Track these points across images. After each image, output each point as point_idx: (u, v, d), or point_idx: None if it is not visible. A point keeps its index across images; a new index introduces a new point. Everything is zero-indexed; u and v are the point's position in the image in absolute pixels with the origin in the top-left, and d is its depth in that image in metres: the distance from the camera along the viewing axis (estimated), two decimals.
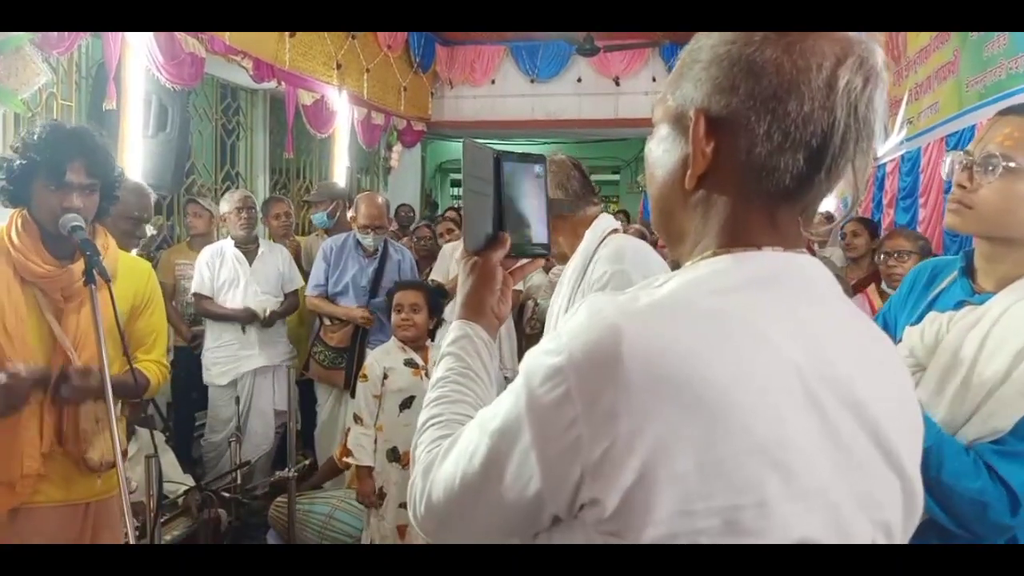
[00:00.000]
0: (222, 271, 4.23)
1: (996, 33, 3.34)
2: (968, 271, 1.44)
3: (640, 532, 0.66)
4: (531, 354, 0.74)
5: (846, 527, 0.71)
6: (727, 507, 0.66)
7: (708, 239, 0.78)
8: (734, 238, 0.76)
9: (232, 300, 4.23)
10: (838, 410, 0.71)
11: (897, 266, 3.31)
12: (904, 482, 0.76)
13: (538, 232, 1.05)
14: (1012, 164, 1.30)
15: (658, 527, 0.66)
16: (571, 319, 0.72)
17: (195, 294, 4.23)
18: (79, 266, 1.99)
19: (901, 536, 0.78)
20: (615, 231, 2.08)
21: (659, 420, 0.66)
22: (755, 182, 0.74)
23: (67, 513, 2.06)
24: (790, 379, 0.69)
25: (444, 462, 0.82)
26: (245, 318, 4.19)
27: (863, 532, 0.73)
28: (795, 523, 0.68)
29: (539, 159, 1.06)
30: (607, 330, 0.68)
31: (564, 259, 2.13)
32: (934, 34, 4.28)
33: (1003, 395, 1.26)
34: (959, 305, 1.41)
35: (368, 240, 4.25)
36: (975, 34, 3.59)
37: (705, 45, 0.76)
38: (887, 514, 0.75)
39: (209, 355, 4.28)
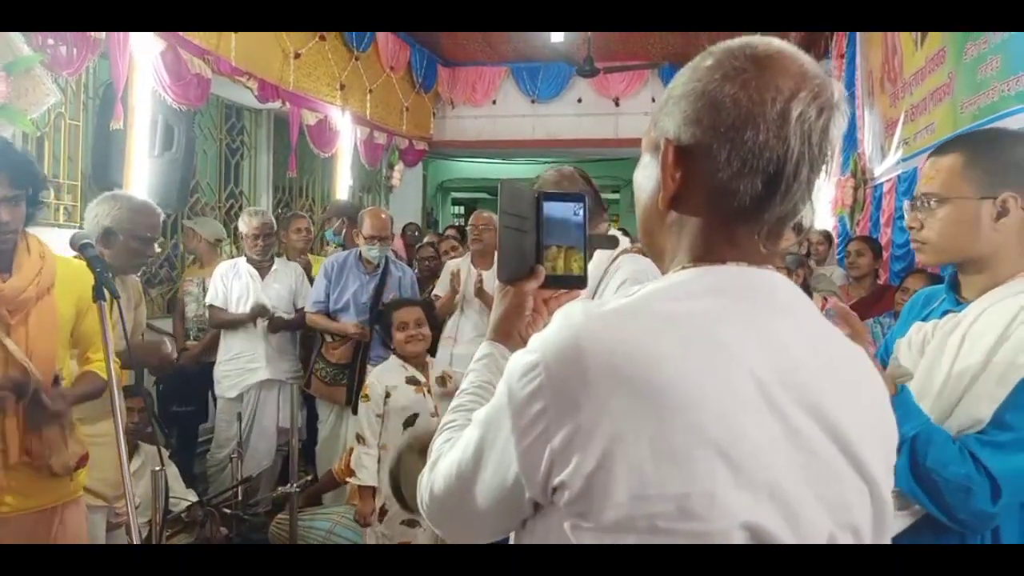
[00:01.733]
0: (235, 285, 4.34)
1: (989, 56, 3.39)
2: (953, 286, 1.56)
3: (601, 514, 0.73)
4: (514, 355, 0.82)
5: (801, 522, 0.76)
6: (679, 494, 0.72)
7: (681, 255, 0.86)
8: (702, 254, 0.84)
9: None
10: (799, 415, 0.77)
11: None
12: (872, 489, 0.81)
13: (576, 265, 1.14)
14: (938, 198, 1.47)
15: (617, 509, 0.73)
16: (549, 325, 0.80)
17: (209, 306, 4.35)
18: (22, 279, 2.01)
19: (871, 541, 0.82)
20: (625, 251, 1.97)
21: (615, 413, 0.73)
22: (718, 204, 0.82)
23: (35, 519, 2.08)
24: (743, 380, 0.75)
25: (447, 457, 0.91)
26: (256, 313, 4.26)
27: (821, 529, 0.78)
28: (741, 510, 0.73)
29: (579, 198, 1.15)
30: (573, 331, 0.77)
31: None
32: (929, 56, 4.34)
33: (980, 387, 1.36)
34: (944, 315, 1.52)
35: (374, 252, 4.29)
36: (969, 57, 3.64)
37: (679, 82, 0.85)
38: (856, 518, 0.80)
39: (220, 368, 4.36)
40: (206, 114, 5.83)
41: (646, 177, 0.90)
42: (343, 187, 7.21)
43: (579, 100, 9.30)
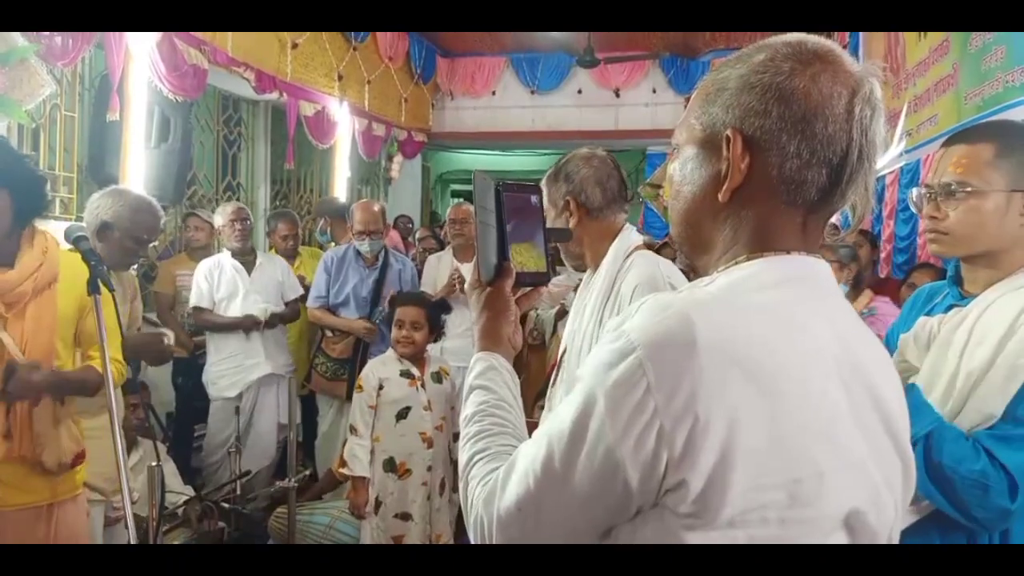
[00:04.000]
0: (221, 283, 4.22)
1: (994, 47, 3.36)
2: (957, 280, 1.55)
3: (720, 510, 0.73)
4: (594, 360, 0.78)
5: (881, 501, 0.81)
6: (790, 480, 0.74)
7: (739, 246, 0.86)
8: (765, 244, 0.85)
9: (232, 312, 4.21)
10: (861, 395, 0.81)
11: None
12: (905, 466, 0.86)
13: (538, 260, 1.07)
14: (969, 188, 1.42)
15: (734, 505, 0.73)
16: (630, 320, 0.78)
17: (194, 307, 4.19)
18: (19, 272, 2.00)
19: (902, 514, 0.87)
20: (639, 247, 1.94)
21: (732, 400, 0.73)
22: (786, 194, 0.84)
23: (29, 516, 2.06)
24: (829, 364, 0.79)
25: (507, 487, 0.84)
26: (248, 325, 4.17)
27: (890, 507, 0.82)
28: (846, 494, 0.77)
29: (535, 189, 1.09)
30: (680, 320, 0.75)
31: (581, 268, 2.00)
32: (933, 47, 4.30)
33: (991, 382, 1.34)
34: (949, 309, 1.51)
35: (364, 247, 4.25)
36: (973, 47, 3.60)
37: (732, 75, 0.86)
38: (896, 494, 0.85)
39: (213, 369, 4.23)
40: (203, 105, 5.79)
41: (693, 169, 0.89)
42: (341, 179, 7.17)
43: (579, 91, 9.26)
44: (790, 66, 0.82)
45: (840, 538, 0.78)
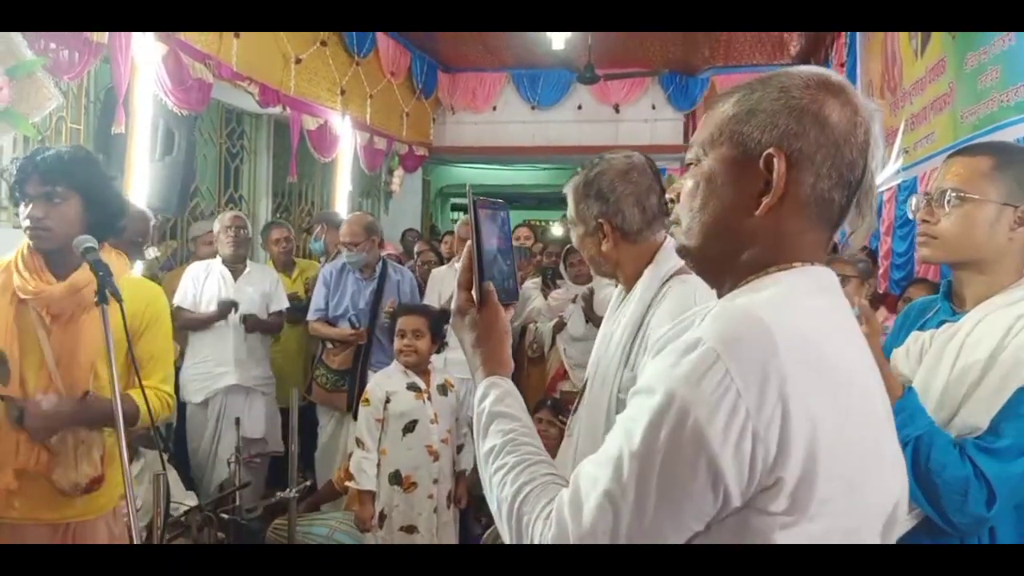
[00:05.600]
0: (206, 286, 4.22)
1: (989, 67, 3.40)
2: (949, 295, 1.59)
3: (808, 506, 0.77)
4: (670, 373, 0.80)
5: (907, 490, 0.89)
6: (852, 468, 0.80)
7: (768, 258, 0.91)
8: (793, 255, 0.91)
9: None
10: (873, 390, 0.88)
11: None
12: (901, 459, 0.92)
13: (507, 280, 1.04)
14: (962, 195, 1.47)
15: (817, 498, 0.77)
16: (697, 329, 0.81)
17: (176, 307, 4.14)
18: (68, 285, 2.00)
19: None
20: (678, 273, 1.70)
21: (810, 397, 0.78)
22: (816, 211, 0.90)
23: (45, 532, 2.05)
24: (863, 361, 0.87)
25: (582, 514, 0.82)
26: (222, 311, 4.13)
27: (906, 501, 0.91)
28: (894, 481, 0.86)
29: (503, 206, 1.06)
30: (756, 324, 0.80)
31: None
32: (930, 66, 4.35)
33: (979, 396, 1.39)
34: (940, 324, 1.54)
35: (352, 258, 4.28)
36: (969, 67, 3.65)
37: (764, 98, 0.91)
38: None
39: (186, 372, 4.20)
40: (206, 118, 5.83)
41: (722, 185, 0.92)
42: (342, 192, 7.20)
43: (579, 107, 9.30)
44: (823, 95, 0.88)
45: (880, 528, 0.86)
